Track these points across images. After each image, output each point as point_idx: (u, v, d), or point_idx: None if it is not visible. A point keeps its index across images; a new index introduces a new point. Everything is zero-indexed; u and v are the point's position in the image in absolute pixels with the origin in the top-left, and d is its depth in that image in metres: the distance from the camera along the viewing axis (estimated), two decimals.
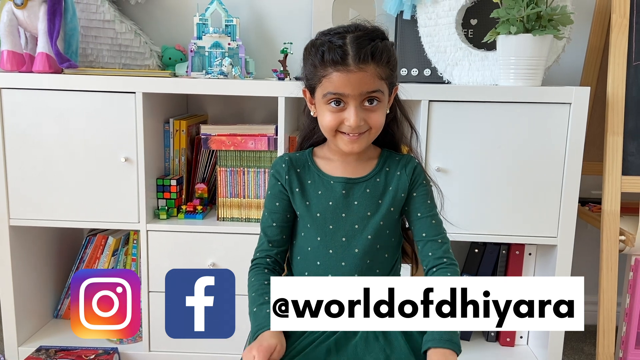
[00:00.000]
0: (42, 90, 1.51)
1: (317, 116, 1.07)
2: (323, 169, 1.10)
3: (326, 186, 1.08)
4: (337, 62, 0.98)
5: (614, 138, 1.54)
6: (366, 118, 1.01)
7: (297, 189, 1.09)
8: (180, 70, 1.76)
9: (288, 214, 1.10)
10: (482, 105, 1.47)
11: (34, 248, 1.69)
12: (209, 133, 1.58)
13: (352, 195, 1.07)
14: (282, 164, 1.11)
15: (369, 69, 0.98)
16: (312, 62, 1.02)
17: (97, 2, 1.68)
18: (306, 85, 1.07)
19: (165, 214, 1.61)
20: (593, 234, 1.71)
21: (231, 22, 1.73)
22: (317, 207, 1.07)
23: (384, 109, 1.04)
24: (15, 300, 1.61)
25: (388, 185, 1.08)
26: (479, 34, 1.64)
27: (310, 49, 1.03)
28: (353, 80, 0.98)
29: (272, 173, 1.12)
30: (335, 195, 1.07)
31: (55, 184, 1.54)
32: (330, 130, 1.03)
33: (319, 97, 1.03)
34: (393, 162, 1.10)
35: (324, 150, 1.13)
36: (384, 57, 1.00)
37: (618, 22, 1.53)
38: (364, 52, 0.98)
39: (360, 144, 1.03)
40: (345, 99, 1.00)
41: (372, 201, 1.07)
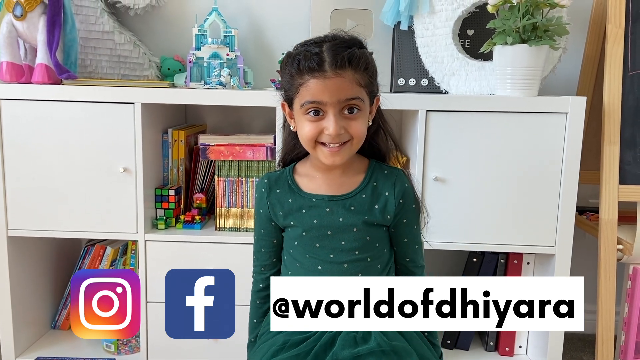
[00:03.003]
0: (41, 101, 1.51)
1: (296, 130, 1.04)
2: (304, 187, 1.07)
3: (309, 204, 1.06)
4: (313, 68, 0.96)
5: (611, 147, 1.55)
6: (346, 127, 0.98)
7: (279, 212, 1.07)
8: (179, 81, 1.77)
9: (274, 239, 1.10)
10: (479, 115, 1.48)
11: (32, 258, 1.68)
12: (208, 143, 1.59)
13: (337, 212, 1.04)
14: (262, 188, 1.09)
15: (346, 74, 0.96)
16: (289, 72, 1.00)
17: (96, 14, 1.70)
18: (284, 97, 1.05)
19: (164, 224, 1.61)
20: (591, 243, 1.71)
21: (230, 33, 1.74)
22: (302, 225, 1.05)
23: (365, 118, 1.01)
24: (13, 311, 1.60)
25: (374, 202, 1.05)
26: (476, 45, 1.65)
27: (286, 60, 1.01)
28: (330, 86, 0.95)
29: (256, 197, 1.11)
30: (320, 213, 1.05)
31: (54, 195, 1.54)
32: (310, 142, 0.99)
33: (297, 108, 1.00)
34: (381, 176, 1.07)
35: (306, 166, 1.10)
36: (361, 63, 0.98)
37: (613, 32, 1.55)
38: (341, 58, 0.96)
39: (342, 156, 0.99)
40: (323, 108, 0.97)
41: (358, 217, 1.04)
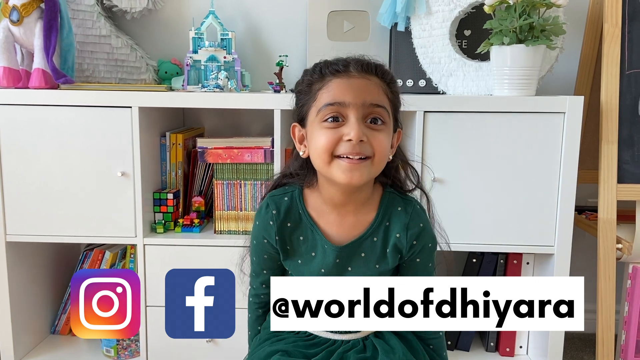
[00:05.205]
0: (39, 106, 1.51)
1: (307, 155, 0.94)
2: (318, 222, 0.97)
3: (319, 249, 0.97)
4: (338, 70, 0.89)
5: (609, 146, 1.55)
6: (369, 137, 0.86)
7: (287, 247, 0.98)
8: (176, 84, 1.77)
9: (278, 261, 1.02)
10: (477, 116, 1.48)
11: (30, 264, 1.68)
12: (205, 146, 1.58)
13: (347, 262, 0.96)
14: (269, 220, 0.97)
15: (372, 79, 0.89)
16: (308, 81, 0.92)
17: (93, 18, 1.70)
18: (297, 117, 0.96)
19: (162, 227, 1.61)
20: (590, 242, 1.71)
21: (227, 36, 1.74)
22: (308, 270, 0.98)
23: (389, 135, 0.90)
24: (12, 317, 1.59)
25: (386, 245, 0.96)
26: (473, 45, 1.65)
27: (304, 73, 0.95)
28: (355, 86, 0.87)
29: (259, 228, 0.99)
30: (328, 263, 0.96)
31: (52, 199, 1.54)
32: (325, 154, 0.87)
33: (312, 118, 0.90)
34: (394, 214, 0.97)
35: (315, 196, 0.98)
36: (388, 75, 0.92)
37: (610, 31, 1.55)
38: (367, 64, 0.90)
39: (361, 172, 0.87)
40: (344, 112, 0.86)
41: (369, 266, 0.96)
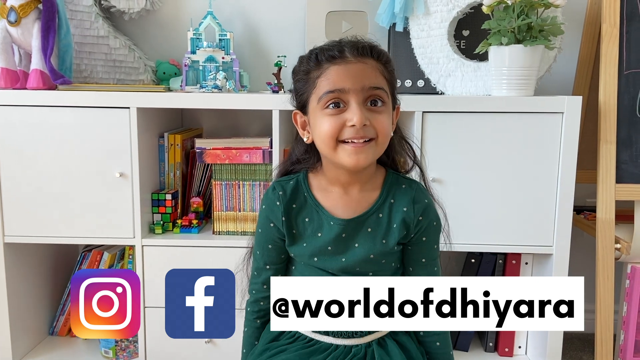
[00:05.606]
0: (37, 106, 1.50)
1: (311, 141, 0.95)
2: (323, 203, 0.98)
3: (325, 227, 0.97)
4: (334, 56, 0.89)
5: (607, 146, 1.55)
6: (371, 120, 0.88)
7: (293, 230, 0.98)
8: (174, 85, 1.77)
9: (282, 254, 1.02)
10: (476, 116, 1.48)
11: (29, 265, 1.68)
12: (204, 147, 1.58)
13: (353, 237, 0.96)
14: (276, 200, 0.98)
15: (369, 62, 0.90)
16: (305, 69, 0.93)
17: (91, 18, 1.69)
18: (297, 104, 0.97)
19: (161, 228, 1.60)
20: (589, 242, 1.71)
21: (225, 36, 1.74)
22: (314, 250, 0.97)
23: (389, 114, 0.92)
24: (10, 318, 1.59)
25: (392, 221, 0.97)
26: (471, 45, 1.65)
27: (300, 60, 0.95)
28: (353, 72, 0.88)
29: (265, 211, 0.99)
30: (334, 239, 0.96)
31: (50, 200, 1.54)
32: (330, 140, 0.89)
33: (314, 105, 0.91)
34: (399, 191, 0.98)
35: (319, 178, 1.00)
36: (383, 55, 0.93)
37: (608, 31, 1.55)
38: (362, 47, 0.91)
39: (366, 154, 0.89)
40: (345, 97, 0.88)
41: (375, 242, 0.96)
